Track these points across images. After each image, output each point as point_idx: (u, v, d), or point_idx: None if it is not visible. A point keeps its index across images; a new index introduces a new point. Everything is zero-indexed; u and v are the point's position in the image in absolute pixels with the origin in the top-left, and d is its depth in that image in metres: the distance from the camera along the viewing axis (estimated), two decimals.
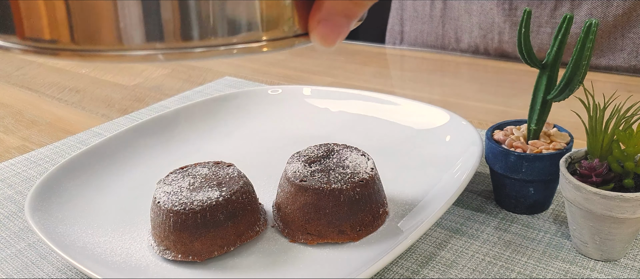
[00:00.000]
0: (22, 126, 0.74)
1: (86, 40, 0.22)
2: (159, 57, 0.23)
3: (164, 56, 0.23)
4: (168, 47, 0.22)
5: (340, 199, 0.42)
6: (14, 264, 0.44)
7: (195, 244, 0.41)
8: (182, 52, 0.23)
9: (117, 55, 0.22)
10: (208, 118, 0.65)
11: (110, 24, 0.22)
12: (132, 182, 0.53)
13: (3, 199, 0.54)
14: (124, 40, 0.22)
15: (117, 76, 0.96)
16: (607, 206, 0.37)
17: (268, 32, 0.24)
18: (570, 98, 0.43)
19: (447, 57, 0.99)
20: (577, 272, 0.40)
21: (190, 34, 0.22)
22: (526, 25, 0.42)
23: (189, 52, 0.23)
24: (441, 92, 0.81)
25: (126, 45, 0.22)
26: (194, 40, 0.23)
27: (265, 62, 0.99)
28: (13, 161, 0.63)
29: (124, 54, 0.22)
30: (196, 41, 0.23)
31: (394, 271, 0.41)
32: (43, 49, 0.23)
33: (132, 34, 0.22)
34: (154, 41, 0.22)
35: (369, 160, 0.46)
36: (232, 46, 0.24)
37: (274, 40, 0.25)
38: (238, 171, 0.46)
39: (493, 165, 0.46)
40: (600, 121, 0.39)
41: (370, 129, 0.62)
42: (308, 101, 0.68)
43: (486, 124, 0.66)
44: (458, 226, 0.46)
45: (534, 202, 0.46)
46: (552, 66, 0.43)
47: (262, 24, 0.24)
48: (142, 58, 0.23)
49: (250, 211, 0.44)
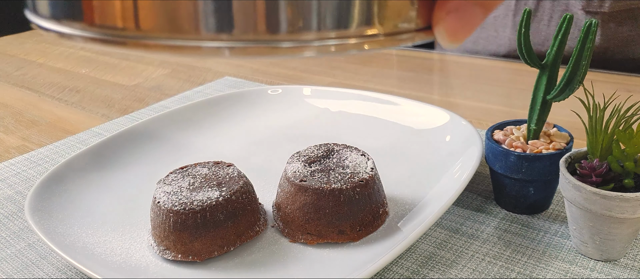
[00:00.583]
0: (22, 126, 0.74)
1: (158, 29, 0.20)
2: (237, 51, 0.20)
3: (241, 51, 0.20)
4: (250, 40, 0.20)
5: (340, 199, 0.42)
6: (14, 264, 0.44)
7: (195, 244, 0.41)
8: (267, 47, 0.20)
9: (192, 47, 0.20)
10: (208, 118, 0.65)
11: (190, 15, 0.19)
12: (132, 182, 0.53)
13: (3, 199, 0.54)
14: (203, 31, 0.19)
15: (117, 76, 0.96)
16: (607, 206, 0.37)
17: (383, 26, 0.21)
18: (570, 98, 0.43)
19: (447, 57, 0.99)
20: (577, 272, 0.40)
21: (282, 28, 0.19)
22: (526, 25, 0.42)
23: (277, 48, 0.20)
24: (441, 92, 0.81)
25: (203, 35, 0.20)
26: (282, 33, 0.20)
27: (265, 63, 0.99)
28: (13, 161, 0.63)
29: (200, 45, 0.20)
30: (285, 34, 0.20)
31: (394, 271, 0.41)
32: (111, 38, 0.21)
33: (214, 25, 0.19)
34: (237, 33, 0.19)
35: (369, 160, 0.46)
36: (346, 41, 0.20)
37: (391, 36, 0.21)
38: (238, 171, 0.46)
39: (493, 165, 0.46)
40: (600, 121, 0.39)
41: (370, 129, 0.62)
42: (308, 101, 0.68)
43: (486, 124, 0.66)
44: (458, 226, 0.46)
45: (534, 202, 0.46)
46: (552, 66, 0.43)
47: (377, 17, 0.21)
48: (216, 51, 0.20)
49: (250, 211, 0.44)
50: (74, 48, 1.16)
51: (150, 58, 1.05)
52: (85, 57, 1.09)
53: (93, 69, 1.00)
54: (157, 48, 0.20)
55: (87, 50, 1.14)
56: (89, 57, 1.09)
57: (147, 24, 0.20)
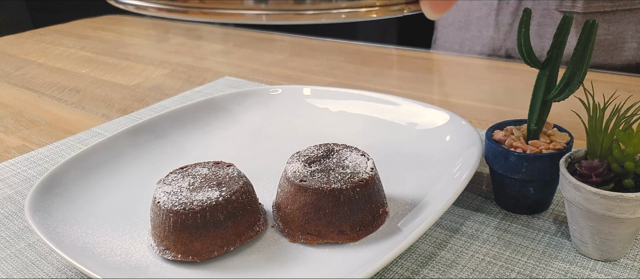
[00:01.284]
0: (22, 126, 0.74)
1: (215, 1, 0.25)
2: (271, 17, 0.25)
3: (274, 17, 0.25)
4: (280, 9, 0.24)
5: (340, 199, 0.42)
6: (14, 264, 0.44)
7: (195, 244, 0.41)
8: (294, 13, 0.24)
9: (238, 14, 0.25)
10: (208, 118, 0.65)
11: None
12: (132, 182, 0.53)
13: (3, 199, 0.54)
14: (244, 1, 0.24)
15: (117, 75, 0.96)
16: (607, 206, 0.37)
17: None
18: (570, 98, 0.43)
19: (447, 57, 0.99)
20: (577, 272, 0.40)
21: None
22: (526, 25, 0.42)
23: (301, 14, 0.24)
24: (441, 92, 0.81)
25: (245, 5, 0.24)
26: (307, 3, 0.24)
27: (265, 62, 0.99)
28: (13, 161, 0.63)
29: (244, 13, 0.25)
30: (308, 3, 0.24)
31: (394, 271, 0.41)
32: (175, 8, 0.25)
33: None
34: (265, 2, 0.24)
35: (369, 160, 0.46)
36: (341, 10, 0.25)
37: (384, 7, 0.26)
38: (238, 171, 0.46)
39: (493, 165, 0.46)
40: (600, 121, 0.39)
41: (370, 129, 0.62)
42: (308, 101, 0.68)
43: (486, 124, 0.66)
44: (458, 226, 0.46)
45: (534, 202, 0.46)
46: (552, 66, 0.43)
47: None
48: (256, 17, 0.25)
49: (250, 211, 0.44)
50: (74, 48, 1.16)
51: (150, 58, 1.05)
52: (85, 57, 1.09)
53: (93, 69, 1.00)
54: (212, 15, 0.25)
55: (87, 50, 1.14)
56: (89, 57, 1.09)
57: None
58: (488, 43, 0.95)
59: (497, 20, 0.93)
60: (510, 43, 0.93)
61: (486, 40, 0.96)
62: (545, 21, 0.87)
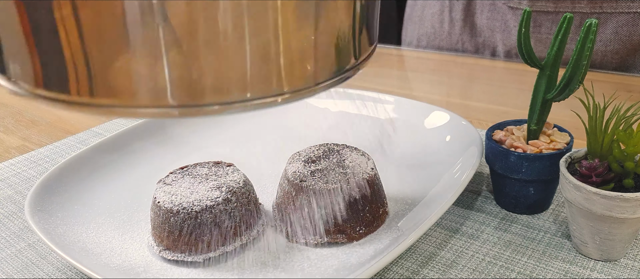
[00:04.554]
0: (22, 126, 0.74)
1: (103, 95, 0.23)
2: (174, 113, 0.23)
3: (178, 113, 0.23)
4: (182, 105, 0.23)
5: (340, 199, 0.42)
6: (14, 264, 0.44)
7: (195, 244, 0.41)
8: (198, 109, 0.24)
9: (132, 112, 0.23)
10: (208, 118, 0.65)
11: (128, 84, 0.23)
12: (132, 182, 0.53)
13: (3, 199, 0.54)
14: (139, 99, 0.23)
15: None
16: (607, 206, 0.37)
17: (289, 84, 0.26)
18: (570, 98, 0.43)
19: (447, 57, 0.99)
20: (577, 272, 0.40)
21: (206, 94, 0.23)
22: (526, 25, 0.42)
23: (205, 109, 0.24)
24: (441, 92, 0.81)
25: (141, 102, 0.23)
26: (208, 98, 0.24)
27: None
28: (13, 161, 0.63)
29: (139, 110, 0.23)
30: (211, 98, 0.24)
31: (394, 271, 0.41)
32: (57, 101, 0.24)
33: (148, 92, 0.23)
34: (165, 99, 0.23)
35: (369, 160, 0.46)
36: (248, 102, 0.26)
37: (295, 92, 0.26)
38: (238, 171, 0.46)
39: (493, 165, 0.46)
40: (600, 121, 0.39)
41: (370, 129, 0.62)
42: (308, 101, 0.68)
43: (486, 124, 0.66)
44: (458, 226, 0.46)
45: (534, 202, 0.46)
46: (552, 66, 0.43)
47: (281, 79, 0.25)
48: (157, 114, 0.23)
49: (250, 211, 0.44)
50: None
51: None
52: None
53: None
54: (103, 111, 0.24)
55: None
56: None
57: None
58: (445, 38, 1.00)
59: (451, 16, 0.97)
60: (466, 37, 0.97)
61: (443, 36, 1.00)
62: (493, 16, 0.92)
